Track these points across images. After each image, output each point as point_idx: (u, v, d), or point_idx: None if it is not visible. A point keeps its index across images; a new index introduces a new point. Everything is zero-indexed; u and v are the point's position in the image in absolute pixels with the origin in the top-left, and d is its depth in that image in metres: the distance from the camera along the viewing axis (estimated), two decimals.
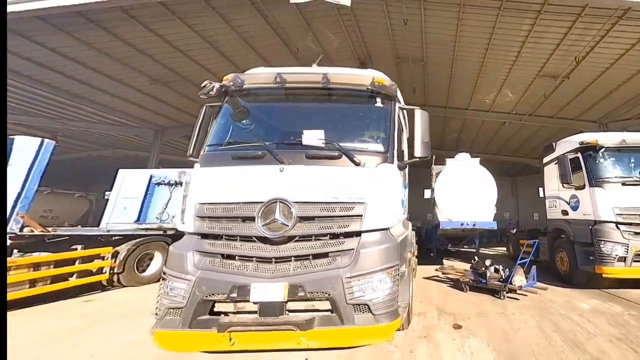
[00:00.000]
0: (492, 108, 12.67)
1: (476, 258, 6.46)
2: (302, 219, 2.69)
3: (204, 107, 3.33)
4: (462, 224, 7.91)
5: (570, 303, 5.29)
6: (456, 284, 6.24)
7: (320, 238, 2.72)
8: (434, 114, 11.78)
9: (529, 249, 6.02)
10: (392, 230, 2.96)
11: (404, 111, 4.03)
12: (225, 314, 2.67)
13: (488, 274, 5.75)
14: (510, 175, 24.31)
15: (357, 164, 2.86)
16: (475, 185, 8.36)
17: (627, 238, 5.76)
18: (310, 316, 2.55)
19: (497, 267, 5.89)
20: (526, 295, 5.58)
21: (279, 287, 2.50)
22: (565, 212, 7.01)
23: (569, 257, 6.65)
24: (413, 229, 5.88)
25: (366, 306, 2.55)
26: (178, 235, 3.65)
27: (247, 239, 2.73)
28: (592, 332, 4.00)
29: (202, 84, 3.16)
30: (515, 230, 12.59)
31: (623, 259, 5.68)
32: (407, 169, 4.40)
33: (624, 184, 6.15)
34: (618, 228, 5.86)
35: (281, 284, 2.51)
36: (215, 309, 2.68)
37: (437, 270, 6.92)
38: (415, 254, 6.42)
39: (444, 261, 9.31)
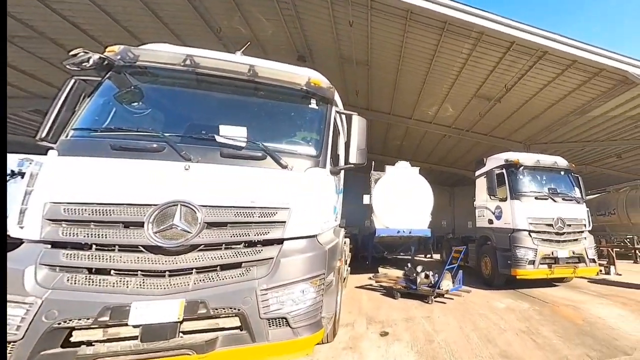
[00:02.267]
0: (434, 120, 13.34)
1: (409, 265, 6.70)
2: (211, 225, 2.43)
3: (73, 80, 2.66)
4: (398, 231, 8.23)
5: (488, 303, 5.95)
6: (388, 292, 6.40)
7: (233, 247, 2.49)
8: (377, 120, 12.69)
9: (457, 255, 6.63)
10: (320, 237, 2.86)
11: (342, 115, 4.00)
12: (89, 343, 2.15)
13: (418, 280, 6.02)
14: (449, 185, 26.37)
15: (284, 167, 2.72)
16: (413, 194, 8.75)
17: (536, 244, 6.82)
18: (212, 336, 2.27)
19: (428, 273, 6.24)
20: (452, 299, 6.05)
21: (173, 305, 2.18)
22: (490, 221, 7.99)
23: (491, 262, 7.54)
24: (347, 236, 5.95)
25: (284, 320, 2.40)
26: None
27: (130, 248, 2.31)
28: (503, 328, 4.61)
29: (74, 52, 2.56)
30: (450, 236, 13.73)
31: (532, 262, 6.69)
32: (342, 175, 4.45)
33: (536, 197, 7.37)
34: (530, 235, 6.91)
35: (176, 302, 2.19)
36: (73, 339, 2.12)
37: (370, 278, 7.02)
38: (348, 262, 6.50)
39: (380, 269, 9.56)
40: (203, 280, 2.33)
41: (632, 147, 15.30)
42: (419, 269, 6.31)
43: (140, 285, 2.23)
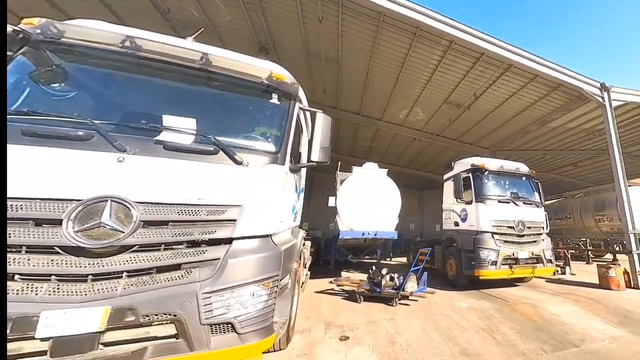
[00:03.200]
0: (404, 123, 13.52)
1: (374, 268, 6.69)
2: (149, 223, 2.24)
3: None
4: (363, 234, 8.13)
5: (452, 304, 6.10)
6: (351, 296, 6.31)
7: (173, 247, 2.31)
8: (345, 119, 12.70)
9: (423, 257, 6.78)
10: (275, 237, 2.76)
11: (306, 112, 3.90)
12: None
13: (383, 283, 6.03)
14: (418, 188, 26.85)
15: (238, 163, 2.58)
16: (380, 195, 8.68)
17: (498, 245, 7.15)
18: (139, 347, 2.06)
19: (393, 275, 6.27)
20: (417, 301, 6.13)
21: (94, 314, 1.95)
22: (456, 224, 8.28)
23: (456, 263, 7.79)
24: (309, 239, 5.81)
25: (229, 325, 2.27)
26: None
27: (41, 250, 2.02)
28: (465, 327, 4.76)
29: None
30: (417, 239, 13.86)
31: (495, 263, 6.99)
32: (303, 174, 4.34)
33: (499, 201, 7.74)
34: (493, 237, 7.23)
35: (98, 309, 1.97)
36: None
37: (331, 282, 6.91)
38: (308, 266, 6.37)
39: (343, 273, 9.53)
40: (135, 284, 2.12)
41: (586, 157, 16.74)
42: (384, 271, 6.34)
43: (54, 291, 1.96)
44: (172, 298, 2.14)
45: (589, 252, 14.10)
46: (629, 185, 9.61)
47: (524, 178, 8.56)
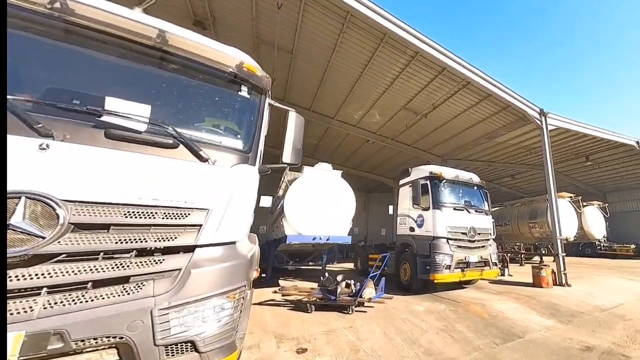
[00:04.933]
0: (359, 124, 13.66)
1: (326, 274, 6.58)
2: (82, 227, 1.88)
3: None
4: (314, 238, 7.71)
5: (409, 307, 6.41)
6: (298, 306, 6.03)
7: (116, 256, 1.98)
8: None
9: (380, 263, 6.95)
10: (239, 244, 2.55)
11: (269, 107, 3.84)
12: None
13: (339, 290, 5.92)
14: (365, 191, 26.73)
15: (204, 160, 2.32)
16: (334, 198, 8.35)
17: (452, 250, 7.67)
18: None
19: (349, 282, 6.23)
20: (373, 307, 6.22)
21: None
22: (412, 229, 8.67)
23: (410, 268, 8.17)
24: None
25: (189, 344, 2.03)
26: None
27: None
28: (424, 329, 5.06)
29: None
30: (362, 244, 13.87)
31: (449, 267, 7.50)
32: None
33: (454, 208, 8.30)
34: (448, 242, 7.74)
35: (8, 336, 1.58)
36: None
37: (275, 292, 6.58)
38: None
39: (280, 282, 9.20)
40: (61, 302, 1.74)
41: (523, 170, 19.09)
42: (339, 277, 6.29)
43: None
44: (118, 317, 1.82)
45: (522, 255, 15.97)
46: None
47: (475, 187, 9.36)
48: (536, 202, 17.11)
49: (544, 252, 16.84)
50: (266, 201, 8.92)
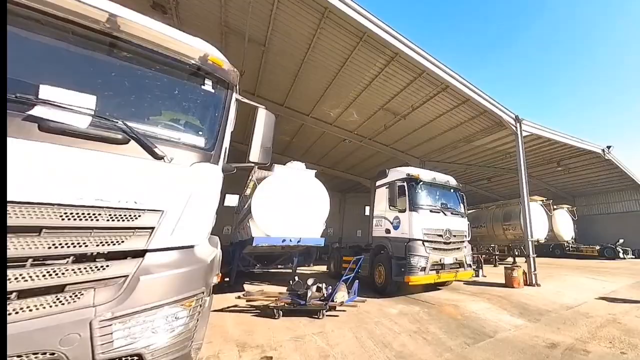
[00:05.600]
0: (335, 122, 13.47)
1: (296, 278, 6.36)
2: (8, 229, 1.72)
3: None
4: (284, 240, 7.42)
5: (382, 310, 6.40)
6: (265, 312, 5.76)
7: (48, 262, 1.81)
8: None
9: (354, 266, 6.86)
10: (198, 248, 2.42)
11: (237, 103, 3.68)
12: None
13: (309, 294, 5.74)
14: (340, 191, 26.46)
15: (158, 157, 2.16)
16: (307, 199, 8.10)
17: (428, 252, 7.75)
18: None
19: (320, 285, 6.08)
20: (345, 311, 6.11)
21: None
22: (388, 231, 8.70)
23: (385, 270, 8.17)
24: None
25: (136, 357, 1.89)
26: None
27: None
28: (397, 331, 5.06)
29: None
30: (337, 246, 13.70)
31: (424, 269, 7.56)
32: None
33: (431, 210, 8.40)
34: (424, 244, 7.81)
35: None
36: None
37: (239, 298, 6.22)
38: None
39: (247, 286, 8.78)
40: None
41: (499, 174, 19.76)
42: (310, 281, 6.14)
43: None
44: (48, 331, 1.65)
45: (496, 257, 16.53)
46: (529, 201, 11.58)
47: (452, 190, 9.54)
48: (510, 205, 17.81)
49: (517, 253, 17.47)
50: (232, 200, 8.47)
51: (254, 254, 9.35)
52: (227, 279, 8.66)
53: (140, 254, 2.04)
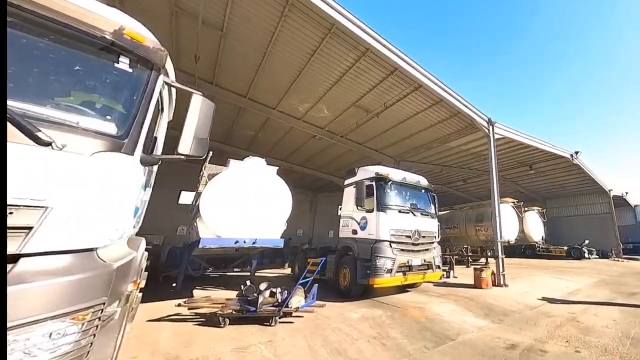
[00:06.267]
0: (304, 117, 12.97)
1: (247, 282, 6.01)
2: None
3: None
4: (236, 242, 6.98)
5: (343, 315, 6.15)
6: (211, 320, 5.39)
7: None
8: (224, 99, 11.24)
9: (314, 268, 6.55)
10: (103, 251, 2.12)
11: (171, 88, 3.24)
12: None
13: (261, 300, 5.42)
14: (311, 189, 26.17)
15: (44, 144, 1.85)
16: (266, 197, 7.68)
17: (395, 254, 7.61)
18: None
19: (274, 290, 5.76)
20: (302, 317, 5.83)
21: None
22: (355, 232, 8.50)
23: (350, 273, 7.94)
24: (149, 247, 4.73)
25: None
26: None
27: None
28: (356, 338, 4.84)
29: None
30: (306, 247, 13.38)
31: (390, 271, 7.41)
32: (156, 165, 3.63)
33: (400, 211, 8.27)
34: (391, 246, 7.67)
35: None
36: None
37: (179, 305, 5.70)
38: (140, 285, 5.09)
39: (196, 292, 8.20)
40: None
41: (474, 176, 20.15)
42: (263, 286, 5.80)
43: None
44: None
45: (469, 258, 16.81)
46: (500, 202, 11.74)
47: (423, 190, 9.46)
48: (483, 207, 18.18)
49: (489, 254, 17.82)
50: (186, 198, 7.99)
51: (205, 257, 8.89)
52: (174, 284, 8.20)
53: (13, 259, 1.70)
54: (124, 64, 2.37)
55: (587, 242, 22.07)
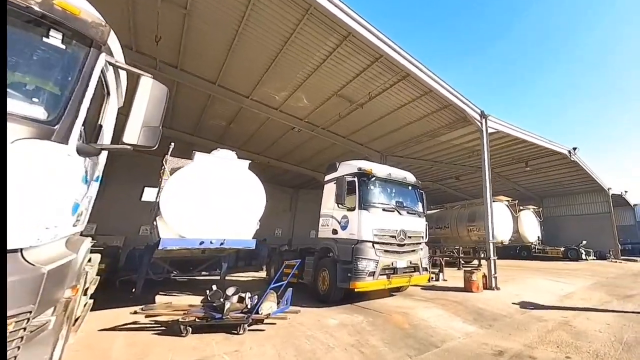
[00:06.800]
0: (281, 107, 12.98)
1: (213, 287, 5.98)
2: None
3: None
4: (201, 243, 6.93)
5: (320, 322, 6.24)
6: (172, 329, 5.33)
7: None
8: (190, 85, 11.24)
9: (289, 270, 6.61)
10: (31, 252, 2.07)
11: (119, 69, 3.17)
12: None
13: (227, 306, 5.40)
14: (292, 186, 26.29)
15: None
16: (237, 194, 7.63)
17: (378, 255, 7.74)
18: None
19: (243, 295, 5.77)
20: (275, 324, 5.86)
21: None
22: (335, 231, 8.59)
23: (330, 276, 8.02)
24: (98, 249, 4.57)
25: None
26: None
27: None
28: (332, 346, 4.92)
29: None
30: (285, 248, 13.56)
31: (373, 274, 7.53)
32: (104, 156, 3.54)
33: (384, 209, 8.39)
34: (374, 247, 7.79)
35: None
36: None
37: (135, 313, 5.57)
38: (90, 291, 4.71)
39: (159, 298, 8.20)
40: None
41: (466, 172, 20.69)
42: (230, 291, 5.83)
43: None
44: None
45: (460, 259, 17.34)
46: (493, 201, 12.15)
47: (410, 187, 9.64)
48: (475, 205, 18.73)
49: (482, 255, 18.38)
50: (150, 194, 7.86)
51: (168, 259, 8.84)
52: (133, 290, 8.13)
53: None
54: (54, 39, 2.27)
55: (584, 242, 23.10)
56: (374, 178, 8.58)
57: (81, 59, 2.41)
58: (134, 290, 8.12)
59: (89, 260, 3.74)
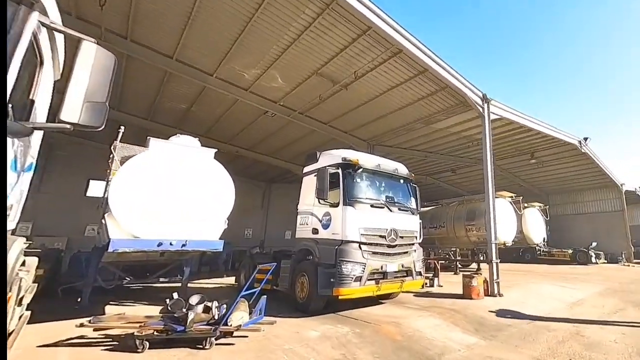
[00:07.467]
0: (251, 88, 12.82)
1: (174, 296, 5.96)
2: None
3: None
4: (160, 244, 6.82)
5: (299, 334, 6.23)
6: (125, 343, 5.26)
7: None
8: (143, 59, 11.05)
9: (262, 276, 6.59)
10: None
11: (56, 33, 3.03)
12: None
13: (191, 317, 5.36)
14: (264, 180, 26.43)
15: None
16: (201, 187, 7.56)
17: (366, 258, 7.74)
18: None
19: (209, 304, 5.76)
20: (247, 336, 5.82)
21: None
22: (315, 231, 8.55)
23: (309, 282, 7.96)
24: (35, 252, 4.45)
25: None
26: None
27: None
28: None
29: None
30: (256, 251, 13.47)
31: (359, 279, 7.53)
32: (37, 140, 3.33)
33: (372, 205, 8.39)
34: (360, 248, 7.78)
35: None
36: None
37: (81, 326, 5.47)
38: (25, 301, 4.76)
39: (109, 308, 8.08)
40: None
41: (464, 165, 21.08)
42: (195, 299, 5.82)
43: None
44: None
45: (457, 263, 17.68)
46: (495, 197, 12.35)
47: (402, 181, 9.68)
48: (474, 202, 19.04)
49: (482, 258, 18.76)
50: (97, 188, 7.53)
51: (121, 264, 8.75)
52: (79, 299, 8.06)
53: None
54: None
55: (594, 244, 23.71)
56: (360, 169, 8.55)
57: (8, 17, 2.27)
58: (79, 299, 8.02)
59: (23, 264, 3.54)
